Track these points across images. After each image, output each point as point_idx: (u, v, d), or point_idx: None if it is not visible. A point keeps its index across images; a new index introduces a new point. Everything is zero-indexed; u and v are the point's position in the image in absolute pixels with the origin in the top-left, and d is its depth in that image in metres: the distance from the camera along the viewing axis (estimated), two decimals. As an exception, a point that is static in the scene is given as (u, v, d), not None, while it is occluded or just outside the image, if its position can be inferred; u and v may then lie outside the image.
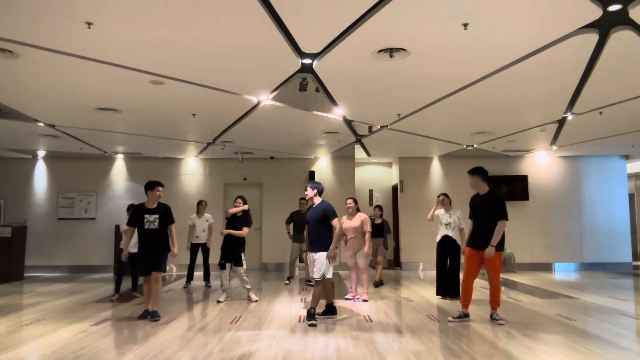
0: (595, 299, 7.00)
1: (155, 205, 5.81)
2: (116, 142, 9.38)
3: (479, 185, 5.56)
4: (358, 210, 7.26)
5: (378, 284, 8.51)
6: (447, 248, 7.04)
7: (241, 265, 6.87)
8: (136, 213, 5.75)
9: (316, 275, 5.48)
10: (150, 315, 5.65)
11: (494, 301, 5.47)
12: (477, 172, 5.56)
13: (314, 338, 4.74)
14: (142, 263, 5.77)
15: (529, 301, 6.83)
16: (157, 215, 5.74)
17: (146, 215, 5.70)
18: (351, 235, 7.03)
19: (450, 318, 5.47)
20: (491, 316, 5.48)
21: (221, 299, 6.89)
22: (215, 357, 4.08)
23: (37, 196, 11.22)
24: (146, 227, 5.68)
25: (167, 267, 6.63)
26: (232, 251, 6.85)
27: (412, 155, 11.28)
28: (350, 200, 7.20)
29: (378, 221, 8.64)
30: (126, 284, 7.58)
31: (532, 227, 11.22)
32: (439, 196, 7.23)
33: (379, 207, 8.93)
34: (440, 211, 7.14)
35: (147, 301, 5.77)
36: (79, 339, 4.73)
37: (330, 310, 5.79)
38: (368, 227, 6.97)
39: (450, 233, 6.99)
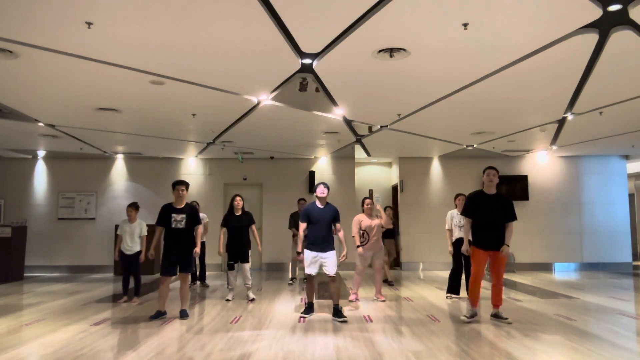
0: (595, 299, 7.00)
1: (182, 205, 5.81)
2: (116, 142, 9.38)
3: (495, 185, 5.53)
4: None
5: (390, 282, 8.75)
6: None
7: (247, 261, 6.98)
8: (164, 212, 5.75)
9: (333, 271, 5.66)
10: (181, 315, 5.72)
11: (500, 299, 5.52)
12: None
13: (314, 338, 4.74)
14: (166, 263, 5.71)
15: (529, 301, 6.83)
16: (184, 215, 5.75)
17: (174, 215, 5.71)
18: (374, 235, 6.98)
19: (463, 318, 5.44)
20: (497, 315, 5.49)
21: (230, 297, 6.97)
22: (215, 357, 4.08)
23: (37, 196, 11.22)
24: (173, 226, 5.69)
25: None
26: (240, 250, 6.92)
27: (412, 155, 11.28)
28: (369, 200, 7.18)
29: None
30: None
31: (532, 227, 11.21)
32: (457, 197, 7.12)
33: (390, 208, 9.09)
34: (454, 212, 7.04)
35: (162, 302, 5.75)
36: (79, 339, 4.73)
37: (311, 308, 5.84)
38: (384, 220, 7.09)
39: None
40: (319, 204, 5.74)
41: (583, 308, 6.35)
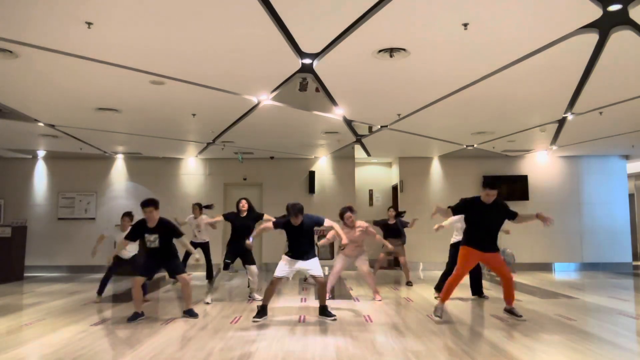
0: (595, 299, 6.99)
1: (155, 225, 5.51)
2: (116, 142, 9.38)
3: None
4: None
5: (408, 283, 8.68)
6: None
7: (254, 263, 6.81)
8: (137, 229, 5.59)
9: (320, 272, 5.59)
10: (188, 314, 5.70)
11: (512, 295, 5.54)
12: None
13: (314, 338, 4.74)
14: (145, 267, 5.71)
15: (529, 301, 6.83)
16: (157, 235, 5.50)
17: (146, 235, 5.50)
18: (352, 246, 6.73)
19: (437, 319, 5.38)
20: (511, 311, 5.50)
21: (209, 300, 6.67)
22: (215, 357, 4.07)
23: (37, 196, 11.21)
24: (147, 245, 5.57)
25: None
26: (242, 249, 6.67)
27: (412, 155, 11.28)
28: (349, 214, 6.80)
29: (392, 222, 8.67)
30: (119, 285, 7.56)
31: (532, 227, 11.09)
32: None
33: (393, 208, 9.10)
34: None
35: (138, 305, 5.64)
36: (79, 339, 4.72)
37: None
38: (372, 230, 6.85)
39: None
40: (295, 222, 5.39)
41: (583, 308, 6.35)
